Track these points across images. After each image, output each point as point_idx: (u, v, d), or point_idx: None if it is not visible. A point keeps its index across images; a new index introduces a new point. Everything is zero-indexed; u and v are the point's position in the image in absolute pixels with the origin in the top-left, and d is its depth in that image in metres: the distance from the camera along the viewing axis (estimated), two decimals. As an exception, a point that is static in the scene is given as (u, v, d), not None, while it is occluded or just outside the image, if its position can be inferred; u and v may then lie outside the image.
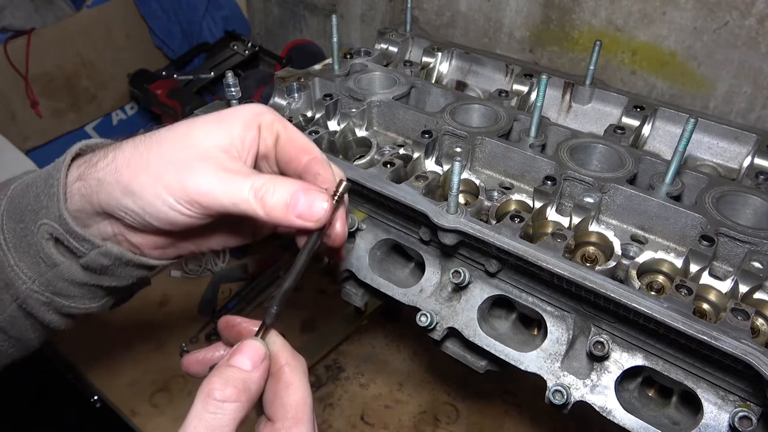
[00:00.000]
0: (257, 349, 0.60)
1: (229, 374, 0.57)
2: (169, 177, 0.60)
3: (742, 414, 0.74)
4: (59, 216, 0.64)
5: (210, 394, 0.55)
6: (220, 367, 0.58)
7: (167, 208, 0.61)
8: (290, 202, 0.60)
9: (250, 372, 0.58)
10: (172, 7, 2.53)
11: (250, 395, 0.57)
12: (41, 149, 2.55)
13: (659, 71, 1.54)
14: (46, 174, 0.67)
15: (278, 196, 0.60)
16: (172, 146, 0.63)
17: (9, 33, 2.33)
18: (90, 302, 0.73)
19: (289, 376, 0.61)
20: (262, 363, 0.59)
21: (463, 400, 1.68)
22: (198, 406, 0.55)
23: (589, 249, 0.93)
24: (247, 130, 0.65)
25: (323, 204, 0.60)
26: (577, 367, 0.88)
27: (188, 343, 1.83)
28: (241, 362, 0.58)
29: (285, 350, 0.64)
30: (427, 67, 1.41)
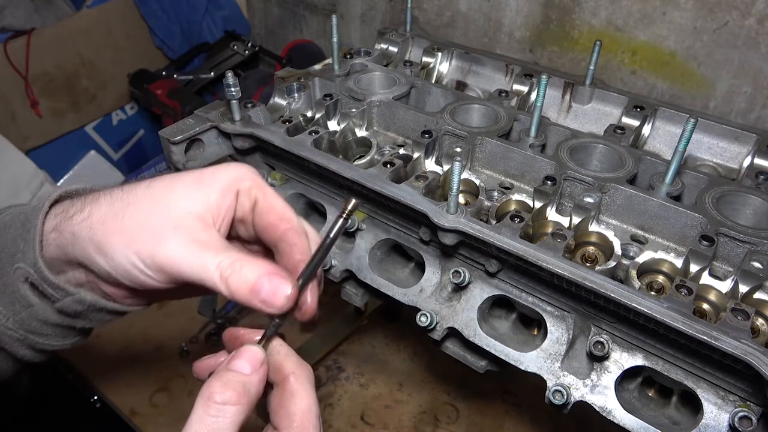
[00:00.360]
0: (256, 353, 0.61)
1: (228, 377, 0.58)
2: (140, 243, 0.61)
3: (742, 414, 0.74)
4: (34, 263, 0.65)
5: (211, 397, 0.56)
6: (219, 371, 0.59)
7: (137, 272, 0.62)
8: (254, 287, 0.60)
9: (250, 375, 0.59)
10: (172, 7, 2.53)
11: (249, 398, 0.58)
12: (41, 149, 2.55)
13: (659, 71, 1.54)
14: (23, 218, 0.68)
15: (243, 278, 0.60)
16: (148, 209, 0.63)
17: (9, 33, 2.33)
18: (63, 340, 0.74)
19: (295, 385, 0.62)
20: (260, 367, 0.60)
21: (463, 400, 1.68)
22: (199, 409, 0.56)
23: (589, 249, 0.93)
24: (224, 195, 0.65)
25: (286, 291, 0.60)
26: (577, 367, 0.88)
27: (188, 343, 1.83)
28: (240, 366, 0.59)
29: (290, 359, 0.64)
30: (427, 67, 1.41)
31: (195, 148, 1.14)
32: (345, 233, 1.10)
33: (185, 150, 1.11)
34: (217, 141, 1.15)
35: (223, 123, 1.12)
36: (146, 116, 2.83)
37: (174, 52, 2.63)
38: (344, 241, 1.12)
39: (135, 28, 2.61)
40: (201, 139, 1.13)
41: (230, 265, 0.60)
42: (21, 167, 2.36)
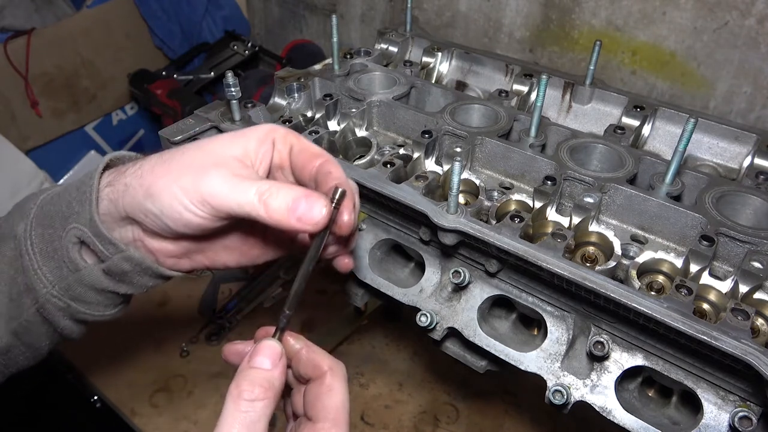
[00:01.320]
0: (274, 348, 0.64)
1: (253, 375, 0.62)
2: (186, 180, 0.66)
3: (742, 414, 0.74)
4: (90, 219, 0.70)
5: (240, 395, 0.60)
6: (243, 370, 0.63)
7: (182, 208, 0.66)
8: (292, 206, 0.63)
9: (272, 370, 0.63)
10: (172, 7, 2.53)
11: (275, 392, 0.62)
12: (41, 149, 2.55)
13: (659, 71, 1.54)
14: (78, 182, 0.73)
15: (281, 199, 0.63)
16: (193, 154, 0.69)
17: (9, 33, 2.33)
18: (105, 309, 0.78)
19: (331, 380, 0.67)
20: (280, 360, 0.64)
21: (463, 400, 1.68)
22: (230, 406, 0.60)
23: (589, 249, 0.93)
24: (261, 143, 0.71)
25: (322, 209, 0.63)
26: (577, 367, 0.88)
27: (188, 343, 1.83)
28: (261, 362, 0.63)
29: (326, 355, 0.69)
30: (427, 67, 1.41)
31: (195, 148, 1.14)
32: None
33: (185, 150, 1.11)
34: (217, 141, 1.15)
35: (223, 123, 1.12)
36: (146, 116, 2.83)
37: (174, 52, 2.63)
38: (344, 241, 1.12)
39: (135, 28, 2.61)
40: (201, 139, 1.13)
41: (268, 189, 0.64)
42: (21, 167, 2.36)
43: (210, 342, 1.83)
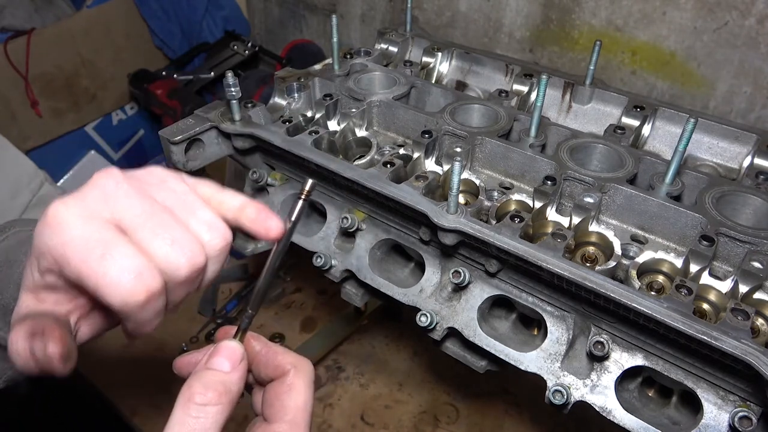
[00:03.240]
0: (234, 349, 0.59)
1: (208, 377, 0.56)
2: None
3: (742, 414, 0.74)
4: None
5: (191, 398, 0.54)
6: (198, 371, 0.57)
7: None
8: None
9: (230, 373, 0.58)
10: (172, 7, 2.53)
11: (231, 397, 0.56)
12: (41, 149, 2.55)
13: (659, 71, 1.54)
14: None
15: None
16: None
17: (9, 33, 2.33)
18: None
19: (294, 378, 0.61)
20: (240, 363, 0.59)
21: (463, 400, 1.68)
22: (179, 411, 0.54)
23: (589, 249, 0.93)
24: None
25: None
26: (577, 367, 0.88)
27: (188, 343, 1.83)
28: (219, 364, 0.58)
29: (291, 354, 0.63)
30: (427, 67, 1.41)
31: (195, 148, 1.14)
32: (345, 234, 1.10)
33: (185, 150, 1.11)
34: (217, 141, 1.16)
35: (223, 123, 1.12)
36: (146, 116, 2.83)
37: (174, 52, 2.63)
38: (344, 241, 1.12)
39: (135, 28, 2.61)
40: (201, 139, 1.13)
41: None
42: (21, 167, 2.36)
43: (210, 342, 1.83)
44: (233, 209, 0.62)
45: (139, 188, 0.57)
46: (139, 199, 0.56)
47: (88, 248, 0.52)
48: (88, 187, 0.56)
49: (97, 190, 0.56)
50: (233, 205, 0.62)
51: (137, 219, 0.55)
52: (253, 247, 1.30)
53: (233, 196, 0.62)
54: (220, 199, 0.62)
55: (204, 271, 0.59)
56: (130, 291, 0.52)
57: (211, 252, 0.59)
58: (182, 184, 0.61)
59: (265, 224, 0.61)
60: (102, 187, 0.56)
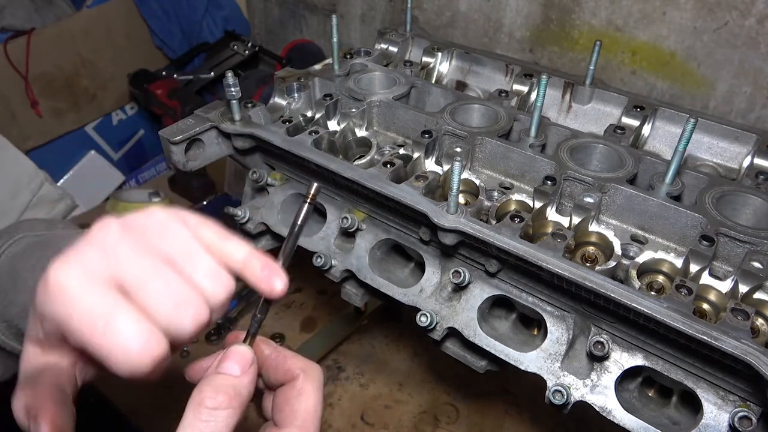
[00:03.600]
0: (244, 354, 0.60)
1: (219, 381, 0.57)
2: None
3: (742, 414, 0.74)
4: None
5: (201, 402, 0.55)
6: (209, 376, 0.58)
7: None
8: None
9: (240, 377, 0.58)
10: (172, 7, 2.53)
11: (241, 401, 0.56)
12: (41, 149, 2.55)
13: (659, 71, 1.54)
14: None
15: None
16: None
17: (9, 33, 2.33)
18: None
19: (303, 383, 0.61)
20: (250, 367, 0.59)
21: (463, 400, 1.68)
22: (190, 415, 0.55)
23: (589, 249, 0.93)
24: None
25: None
26: (577, 367, 0.88)
27: (188, 343, 1.83)
28: (229, 368, 0.58)
29: (299, 357, 0.64)
30: (427, 67, 1.41)
31: (195, 148, 1.14)
32: (345, 234, 1.10)
33: (185, 150, 1.11)
34: (217, 141, 1.16)
35: (223, 123, 1.12)
36: (146, 116, 2.84)
37: (174, 52, 2.63)
38: (344, 241, 1.12)
39: (135, 28, 2.61)
40: (201, 139, 1.13)
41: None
42: (21, 167, 2.36)
43: (210, 342, 1.83)
44: (238, 261, 0.61)
45: (139, 241, 0.56)
46: (140, 256, 0.55)
47: (91, 321, 0.52)
48: (87, 243, 0.55)
49: (96, 248, 0.55)
50: (238, 258, 0.61)
51: (139, 279, 0.54)
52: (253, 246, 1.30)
53: (237, 246, 0.61)
54: (223, 249, 0.61)
55: (208, 324, 0.58)
56: (136, 361, 0.53)
57: (214, 304, 0.58)
58: (183, 230, 0.59)
59: (269, 282, 0.61)
60: (101, 244, 0.55)
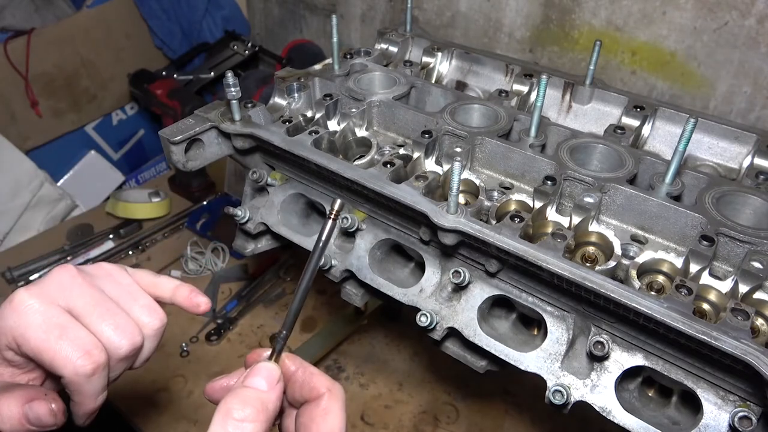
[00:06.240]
0: (272, 370, 0.61)
1: (247, 394, 0.58)
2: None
3: (742, 414, 0.74)
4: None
5: (228, 413, 0.55)
6: (236, 389, 0.59)
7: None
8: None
9: (268, 392, 0.59)
10: (172, 7, 2.53)
11: (268, 415, 0.57)
12: (41, 149, 2.56)
13: (659, 71, 1.54)
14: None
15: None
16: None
17: (9, 33, 2.34)
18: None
19: (329, 402, 0.63)
20: (277, 384, 0.60)
21: (463, 400, 1.68)
22: (217, 425, 0.55)
23: (589, 249, 0.93)
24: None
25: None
26: (577, 367, 0.88)
27: (188, 343, 1.82)
28: (257, 383, 0.59)
29: (325, 377, 0.65)
30: (427, 67, 1.41)
31: (195, 148, 1.14)
32: (345, 234, 1.10)
33: (185, 150, 1.11)
34: (217, 141, 1.16)
35: (223, 123, 1.12)
36: (146, 116, 2.84)
37: (174, 52, 2.63)
38: (344, 241, 1.12)
39: (135, 28, 2.61)
40: (201, 139, 1.13)
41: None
42: (21, 167, 2.36)
43: (210, 342, 1.83)
44: (168, 291, 0.78)
45: (90, 282, 0.70)
46: (89, 290, 0.69)
47: (47, 330, 0.64)
48: (48, 279, 0.69)
49: (55, 282, 0.68)
50: (168, 288, 0.78)
51: (87, 307, 0.68)
52: (253, 247, 1.30)
53: (168, 280, 0.79)
54: (156, 284, 0.78)
55: (141, 348, 0.73)
56: (80, 365, 0.64)
57: (148, 332, 0.73)
58: (126, 276, 0.75)
59: (194, 301, 0.80)
60: (59, 280, 0.69)
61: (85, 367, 0.64)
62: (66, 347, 0.64)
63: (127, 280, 0.75)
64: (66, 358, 0.64)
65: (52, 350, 0.64)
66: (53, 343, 0.64)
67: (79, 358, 0.64)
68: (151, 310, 0.74)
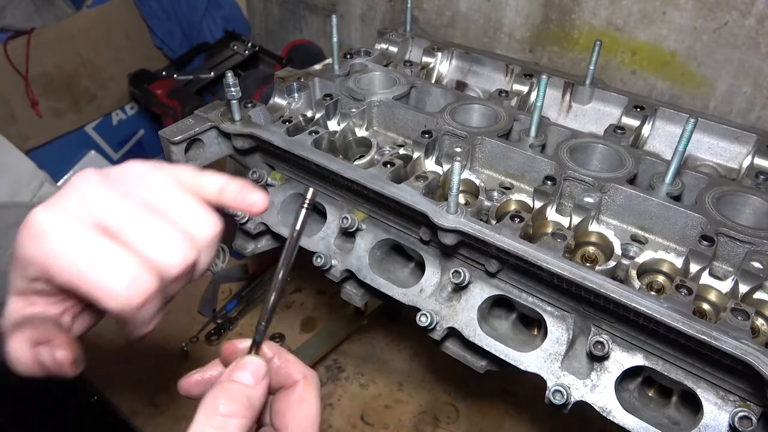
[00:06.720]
0: (259, 365, 0.59)
1: (233, 389, 0.55)
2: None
3: (742, 414, 0.74)
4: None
5: (215, 408, 0.53)
6: (223, 382, 0.56)
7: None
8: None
9: (254, 388, 0.57)
10: (172, 7, 2.53)
11: (254, 411, 0.56)
12: (41, 149, 2.55)
13: (659, 71, 1.54)
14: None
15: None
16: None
17: (9, 33, 2.33)
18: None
19: (304, 389, 0.61)
20: (263, 380, 0.58)
21: (463, 400, 1.68)
22: (201, 420, 0.53)
23: (589, 249, 0.93)
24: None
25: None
26: (577, 367, 0.88)
27: (188, 343, 1.83)
28: (244, 377, 0.57)
29: (300, 364, 0.63)
30: (427, 67, 1.41)
31: (195, 148, 1.14)
32: (345, 234, 1.10)
33: (185, 150, 1.11)
34: (217, 141, 1.16)
35: (223, 123, 1.12)
36: (146, 116, 2.83)
37: (174, 52, 2.63)
38: (344, 241, 1.12)
39: (135, 28, 2.61)
40: (201, 139, 1.13)
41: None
42: (21, 167, 2.36)
43: (210, 342, 1.83)
44: (215, 191, 0.61)
45: (120, 188, 0.56)
46: (121, 200, 0.55)
47: (76, 257, 0.52)
48: (67, 190, 0.55)
49: (76, 194, 0.55)
50: (214, 188, 0.61)
51: (123, 220, 0.54)
52: (253, 247, 1.30)
53: (212, 177, 0.61)
54: (200, 184, 0.61)
55: (197, 263, 0.58)
56: (126, 296, 0.52)
57: (201, 243, 0.58)
58: (162, 177, 0.59)
59: (247, 200, 0.61)
60: (81, 190, 0.55)
61: (133, 299, 0.53)
62: (105, 277, 0.52)
63: (164, 179, 0.59)
64: (107, 291, 0.52)
65: (87, 282, 0.52)
66: (87, 274, 0.51)
67: (123, 288, 0.52)
68: (200, 217, 0.59)
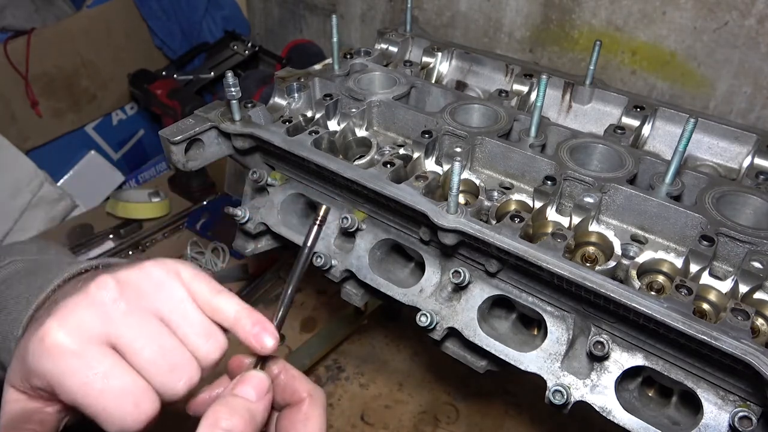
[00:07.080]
0: (262, 380, 0.59)
1: (235, 403, 0.56)
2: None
3: (742, 414, 0.74)
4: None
5: (216, 422, 0.54)
6: (225, 396, 0.57)
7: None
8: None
9: (257, 403, 0.57)
10: (172, 7, 2.53)
11: (255, 426, 0.56)
12: (41, 149, 2.56)
13: (659, 71, 1.54)
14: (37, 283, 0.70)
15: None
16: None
17: (9, 33, 2.34)
18: None
19: (310, 407, 0.61)
20: (266, 395, 0.58)
21: (463, 400, 1.68)
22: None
23: (589, 249, 0.93)
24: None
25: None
26: (577, 367, 0.88)
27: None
28: (246, 392, 0.57)
29: (306, 380, 0.63)
30: (427, 67, 1.41)
31: (195, 148, 1.14)
32: (345, 233, 1.10)
33: (185, 150, 1.11)
34: (217, 141, 1.16)
35: (223, 123, 1.12)
36: (146, 116, 2.84)
37: (174, 52, 2.63)
38: (344, 241, 1.12)
39: (135, 28, 2.61)
40: (201, 139, 1.13)
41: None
42: (21, 167, 2.36)
43: (210, 342, 1.83)
44: (229, 318, 0.62)
45: (135, 301, 0.58)
46: (136, 319, 0.57)
47: (86, 383, 0.53)
48: (85, 302, 0.56)
49: (93, 308, 0.56)
50: (229, 314, 0.62)
51: (135, 341, 0.56)
52: (253, 247, 1.30)
53: (228, 302, 0.62)
54: (215, 305, 0.62)
55: (198, 384, 0.61)
56: (130, 421, 0.54)
57: (206, 364, 0.61)
58: (178, 287, 0.61)
59: (260, 340, 0.61)
60: (99, 305, 0.56)
61: (135, 423, 0.55)
62: (111, 403, 0.53)
63: (180, 293, 0.61)
64: (112, 416, 0.54)
65: (95, 407, 0.53)
66: (94, 397, 0.53)
67: (127, 414, 0.54)
68: (210, 337, 0.61)
